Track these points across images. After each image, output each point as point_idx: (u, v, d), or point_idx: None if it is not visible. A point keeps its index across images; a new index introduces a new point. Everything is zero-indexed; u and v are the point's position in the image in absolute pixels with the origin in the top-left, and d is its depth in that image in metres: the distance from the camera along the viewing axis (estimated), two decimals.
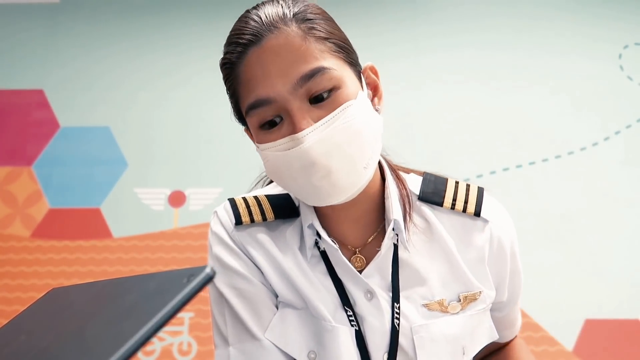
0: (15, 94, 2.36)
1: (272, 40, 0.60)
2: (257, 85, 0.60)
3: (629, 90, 2.23)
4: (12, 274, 2.11)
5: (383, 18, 2.37)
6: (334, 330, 0.65)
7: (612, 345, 1.92)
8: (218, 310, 0.70)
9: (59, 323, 0.40)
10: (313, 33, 0.61)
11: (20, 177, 2.24)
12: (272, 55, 0.59)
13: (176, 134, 2.28)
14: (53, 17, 2.47)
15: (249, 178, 0.87)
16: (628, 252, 2.02)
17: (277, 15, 0.61)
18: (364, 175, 0.62)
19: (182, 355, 1.98)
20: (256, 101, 0.60)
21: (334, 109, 0.60)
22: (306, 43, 0.60)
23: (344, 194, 0.62)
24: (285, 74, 0.59)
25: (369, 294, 0.67)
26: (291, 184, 0.63)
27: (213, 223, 0.72)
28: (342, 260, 0.67)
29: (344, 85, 0.61)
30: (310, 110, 0.60)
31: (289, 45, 0.59)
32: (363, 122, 0.61)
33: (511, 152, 2.17)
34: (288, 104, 0.59)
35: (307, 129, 0.58)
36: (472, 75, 2.29)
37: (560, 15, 2.35)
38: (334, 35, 0.63)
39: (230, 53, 0.63)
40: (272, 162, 0.63)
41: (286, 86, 0.59)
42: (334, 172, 0.59)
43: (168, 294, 0.32)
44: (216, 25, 2.43)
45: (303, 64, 0.59)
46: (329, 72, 0.59)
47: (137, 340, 0.29)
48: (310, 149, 0.58)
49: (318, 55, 0.60)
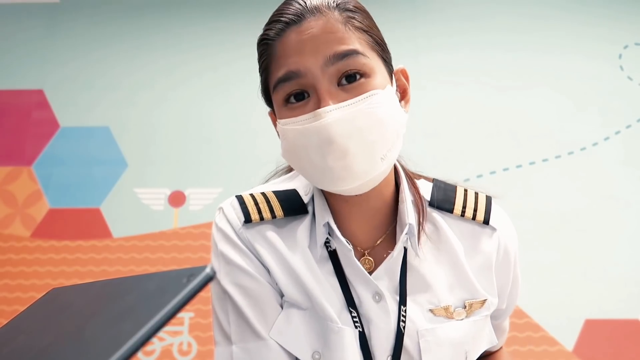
0: (15, 94, 2.36)
1: (312, 21, 0.61)
2: (290, 60, 0.61)
3: (629, 90, 2.23)
4: (12, 274, 2.11)
5: (383, 18, 2.37)
6: (340, 331, 0.65)
7: (612, 345, 1.92)
8: (221, 307, 0.69)
9: (59, 323, 0.40)
10: (353, 22, 0.62)
11: (20, 177, 2.24)
12: (310, 35, 0.60)
13: (176, 134, 2.28)
14: (53, 17, 2.47)
15: (249, 178, 0.86)
16: (628, 252, 2.02)
17: (321, 2, 0.62)
18: (380, 166, 0.62)
19: (182, 355, 1.98)
20: (286, 73, 0.61)
21: (360, 93, 0.60)
22: (345, 28, 0.61)
23: (356, 180, 0.61)
24: (318, 50, 0.59)
25: (377, 295, 0.67)
26: (306, 163, 0.63)
27: (218, 219, 0.71)
28: (354, 261, 0.67)
29: (374, 75, 0.61)
30: (337, 92, 0.60)
31: (328, 27, 0.60)
32: (387, 113, 0.61)
33: (511, 152, 2.17)
34: (317, 80, 0.60)
35: (331, 105, 0.59)
36: (472, 75, 2.29)
37: (560, 16, 2.35)
38: (372, 31, 0.65)
39: (270, 30, 0.64)
40: (290, 139, 0.62)
41: (318, 62, 0.59)
42: (351, 154, 0.59)
43: (168, 294, 0.32)
44: (216, 25, 2.43)
45: (338, 45, 0.60)
46: (362, 58, 0.60)
47: (137, 341, 0.29)
48: (331, 125, 0.58)
49: (355, 40, 0.61)
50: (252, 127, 2.21)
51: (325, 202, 0.70)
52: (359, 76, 0.60)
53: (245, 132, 2.22)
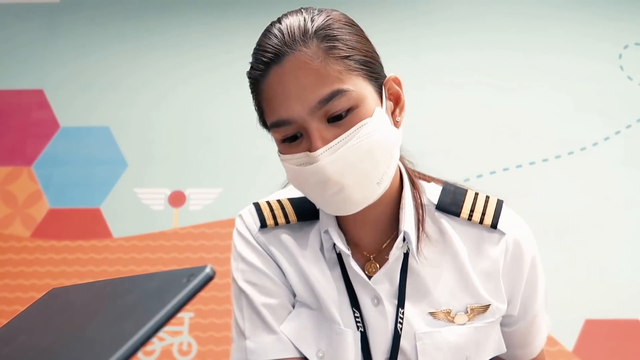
0: (15, 94, 2.36)
1: (292, 60, 0.62)
2: (279, 106, 0.63)
3: (629, 90, 2.23)
4: (12, 274, 2.11)
5: (383, 18, 2.37)
6: (342, 333, 0.68)
7: (612, 345, 1.92)
8: (237, 305, 0.73)
9: (59, 323, 0.40)
10: (333, 52, 0.62)
11: (20, 177, 2.24)
12: (292, 77, 0.61)
13: (176, 134, 2.28)
14: (53, 17, 2.47)
15: (249, 178, 0.87)
16: (628, 252, 2.02)
17: (299, 31, 0.63)
18: (377, 190, 0.65)
19: (182, 355, 1.98)
20: (277, 121, 0.64)
21: (350, 127, 0.62)
22: (325, 64, 0.61)
23: (356, 208, 0.65)
24: (304, 96, 0.61)
25: (375, 299, 0.69)
26: (308, 193, 0.67)
27: (238, 224, 0.76)
28: (353, 265, 0.70)
29: (362, 104, 0.63)
30: (328, 129, 0.62)
31: (308, 67, 0.61)
32: (377, 140, 0.63)
33: (511, 152, 2.17)
34: (306, 124, 0.62)
35: (321, 148, 0.61)
36: (472, 75, 2.29)
37: (560, 15, 2.35)
38: (356, 51, 0.64)
39: (254, 70, 0.66)
40: (291, 173, 0.66)
41: (305, 109, 0.61)
42: (347, 188, 0.62)
43: (168, 294, 0.32)
44: (216, 25, 2.43)
45: (321, 87, 0.61)
46: (347, 94, 0.61)
47: (137, 340, 0.29)
48: (324, 167, 0.61)
49: (337, 76, 0.61)
50: (252, 127, 2.20)
51: None
52: (345, 113, 0.62)
53: (245, 132, 2.22)
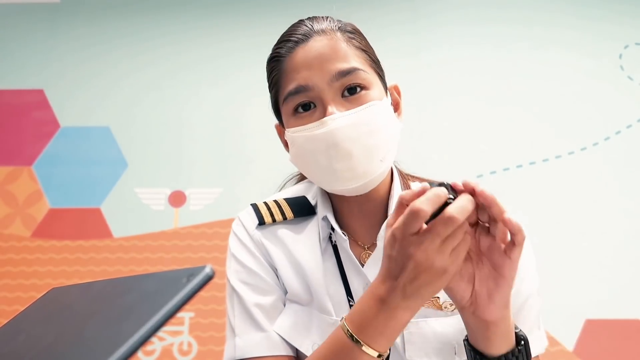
0: (16, 94, 2.36)
1: (318, 40, 0.70)
2: (300, 75, 0.69)
3: (629, 90, 2.23)
4: (12, 273, 2.11)
5: (382, 19, 2.37)
6: (335, 323, 0.69)
7: (613, 345, 1.92)
8: (230, 304, 0.75)
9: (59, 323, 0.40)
10: (353, 42, 0.72)
11: (20, 177, 2.24)
12: (317, 52, 0.69)
13: (176, 134, 2.28)
14: (53, 17, 2.47)
15: (249, 178, 0.88)
16: (628, 252, 2.02)
17: (325, 25, 0.73)
18: (380, 167, 0.69)
19: (182, 355, 1.98)
20: (297, 87, 0.69)
21: (361, 104, 0.68)
22: (348, 47, 0.70)
23: (359, 180, 0.68)
24: (325, 67, 0.68)
25: (367, 287, 0.70)
26: (313, 166, 0.71)
27: (235, 225, 0.79)
28: (348, 252, 0.73)
29: (372, 88, 0.70)
30: (342, 102, 0.68)
31: (332, 46, 0.69)
32: (384, 121, 0.70)
33: (511, 152, 2.17)
34: (323, 93, 0.68)
35: (336, 113, 0.67)
36: (472, 75, 2.29)
37: (560, 15, 2.35)
38: (369, 50, 0.75)
39: (280, 48, 0.73)
40: (299, 145, 0.70)
41: (325, 78, 0.68)
42: (354, 156, 0.67)
43: (168, 293, 0.32)
44: (217, 25, 2.43)
45: (342, 62, 0.68)
46: (363, 73, 0.69)
47: (137, 340, 0.29)
48: (336, 130, 0.66)
49: (356, 58, 0.70)
50: (252, 127, 2.21)
51: (327, 201, 0.78)
52: (359, 89, 0.69)
53: (246, 132, 2.22)
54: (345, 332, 0.56)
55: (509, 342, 0.60)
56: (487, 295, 0.56)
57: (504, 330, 0.59)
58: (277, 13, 2.36)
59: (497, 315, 0.57)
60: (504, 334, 0.59)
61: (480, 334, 0.59)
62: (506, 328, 0.59)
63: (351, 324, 0.56)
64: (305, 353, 0.70)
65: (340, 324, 0.58)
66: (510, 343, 0.60)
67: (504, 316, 0.58)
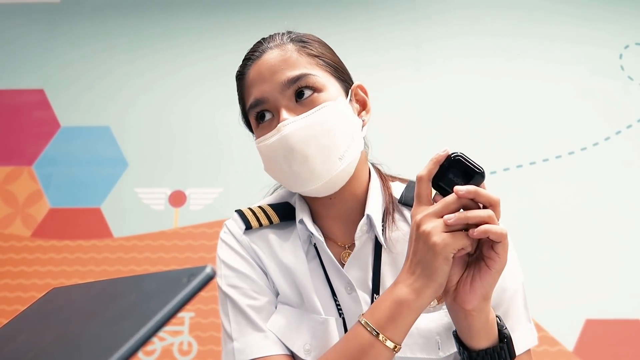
0: (16, 94, 2.36)
1: (270, 53, 0.75)
2: (255, 88, 0.74)
3: (630, 90, 2.23)
4: (12, 273, 2.11)
5: (382, 20, 2.37)
6: (325, 322, 0.71)
7: (613, 345, 1.92)
8: (223, 310, 0.75)
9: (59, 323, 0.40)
10: (305, 50, 0.75)
11: (20, 176, 2.24)
12: (268, 65, 0.74)
13: (177, 134, 2.28)
14: (53, 17, 2.47)
15: (249, 178, 0.89)
16: (628, 252, 2.02)
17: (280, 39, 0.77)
18: (339, 165, 0.71)
19: (182, 355, 1.98)
20: (254, 101, 0.74)
21: (313, 107, 0.71)
22: (297, 56, 0.74)
23: (320, 179, 0.71)
24: (275, 78, 0.72)
25: (348, 287, 0.74)
26: (279, 173, 0.74)
27: (222, 233, 0.81)
28: (327, 252, 0.75)
29: (325, 90, 0.73)
30: (295, 107, 0.72)
31: (282, 57, 0.74)
32: (339, 120, 0.72)
33: (511, 152, 2.17)
34: (277, 102, 0.72)
35: (288, 119, 0.70)
36: (472, 75, 2.29)
37: (560, 15, 2.35)
38: (324, 55, 0.77)
39: (242, 67, 0.79)
40: (264, 155, 0.74)
41: (276, 87, 0.72)
42: (310, 158, 0.69)
43: (168, 294, 0.32)
44: (217, 25, 2.43)
45: (291, 70, 0.72)
46: (312, 77, 0.72)
47: (137, 340, 0.29)
48: (289, 136, 0.69)
49: (306, 65, 0.73)
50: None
51: (304, 204, 0.80)
52: (310, 91, 0.72)
53: (246, 132, 2.22)
54: (366, 327, 0.61)
55: (490, 337, 0.64)
56: (470, 283, 0.60)
57: (483, 322, 0.62)
58: (278, 14, 2.35)
59: (474, 305, 0.60)
60: (483, 327, 0.62)
61: (460, 323, 0.63)
62: (485, 321, 0.62)
63: (372, 319, 0.61)
64: (297, 353, 0.71)
65: (360, 321, 0.62)
66: (492, 339, 0.64)
67: (482, 308, 0.61)
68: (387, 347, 0.59)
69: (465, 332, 0.63)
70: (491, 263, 0.59)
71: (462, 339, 0.65)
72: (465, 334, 0.63)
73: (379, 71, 2.25)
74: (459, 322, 0.63)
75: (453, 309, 0.63)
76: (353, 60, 0.94)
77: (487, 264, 0.59)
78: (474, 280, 0.60)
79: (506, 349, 0.64)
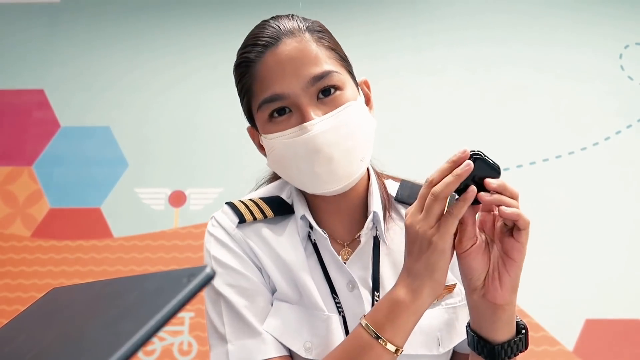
0: (16, 94, 2.37)
1: (288, 44, 0.69)
2: (274, 83, 0.68)
3: (630, 90, 2.23)
4: (12, 273, 2.11)
5: (383, 17, 2.37)
6: (327, 319, 0.70)
7: (613, 345, 1.92)
8: (215, 310, 0.71)
9: (59, 323, 0.40)
10: (322, 42, 0.71)
11: (20, 176, 2.24)
12: (288, 57, 0.68)
13: (176, 134, 2.28)
14: (53, 17, 2.47)
15: (249, 178, 0.88)
16: (628, 252, 2.02)
17: (292, 26, 0.71)
18: (360, 167, 0.70)
19: (182, 355, 1.98)
20: (272, 96, 0.68)
21: (337, 106, 0.68)
22: (318, 49, 0.69)
23: (340, 183, 0.69)
24: (299, 73, 0.67)
25: (350, 284, 0.72)
26: (293, 171, 0.70)
27: (210, 226, 0.76)
28: (330, 249, 0.73)
29: (346, 88, 0.70)
30: (317, 106, 0.68)
31: (303, 49, 0.69)
32: (360, 120, 0.70)
33: (511, 152, 2.17)
34: (299, 99, 0.67)
35: (315, 118, 0.66)
36: (472, 75, 2.29)
37: (560, 15, 2.35)
38: (338, 48, 0.74)
39: (249, 53, 0.71)
40: (278, 151, 0.70)
41: (300, 84, 0.67)
42: (335, 160, 0.67)
43: (168, 294, 0.32)
44: (216, 24, 2.43)
45: (315, 67, 0.68)
46: (336, 75, 0.69)
47: (137, 340, 0.29)
48: (317, 136, 0.66)
49: (327, 60, 0.69)
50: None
51: (304, 201, 0.77)
52: (334, 90, 0.69)
53: (246, 132, 2.22)
54: (366, 329, 0.60)
55: (511, 329, 0.63)
56: (498, 278, 0.60)
57: (509, 315, 0.62)
58: (277, 12, 2.35)
59: (505, 299, 0.60)
60: (508, 320, 0.62)
61: (487, 318, 0.62)
62: (511, 313, 0.62)
63: (372, 321, 0.60)
64: (297, 352, 0.69)
65: (362, 323, 0.61)
66: (512, 330, 0.64)
67: (511, 301, 0.61)
68: (388, 350, 0.59)
69: (489, 327, 0.62)
70: (515, 254, 0.59)
71: (483, 334, 0.63)
72: (490, 328, 0.62)
73: (379, 72, 2.25)
74: (486, 317, 0.62)
75: (482, 305, 0.62)
76: (353, 60, 0.93)
77: (510, 256, 0.60)
78: (502, 275, 0.60)
79: (524, 340, 0.64)
